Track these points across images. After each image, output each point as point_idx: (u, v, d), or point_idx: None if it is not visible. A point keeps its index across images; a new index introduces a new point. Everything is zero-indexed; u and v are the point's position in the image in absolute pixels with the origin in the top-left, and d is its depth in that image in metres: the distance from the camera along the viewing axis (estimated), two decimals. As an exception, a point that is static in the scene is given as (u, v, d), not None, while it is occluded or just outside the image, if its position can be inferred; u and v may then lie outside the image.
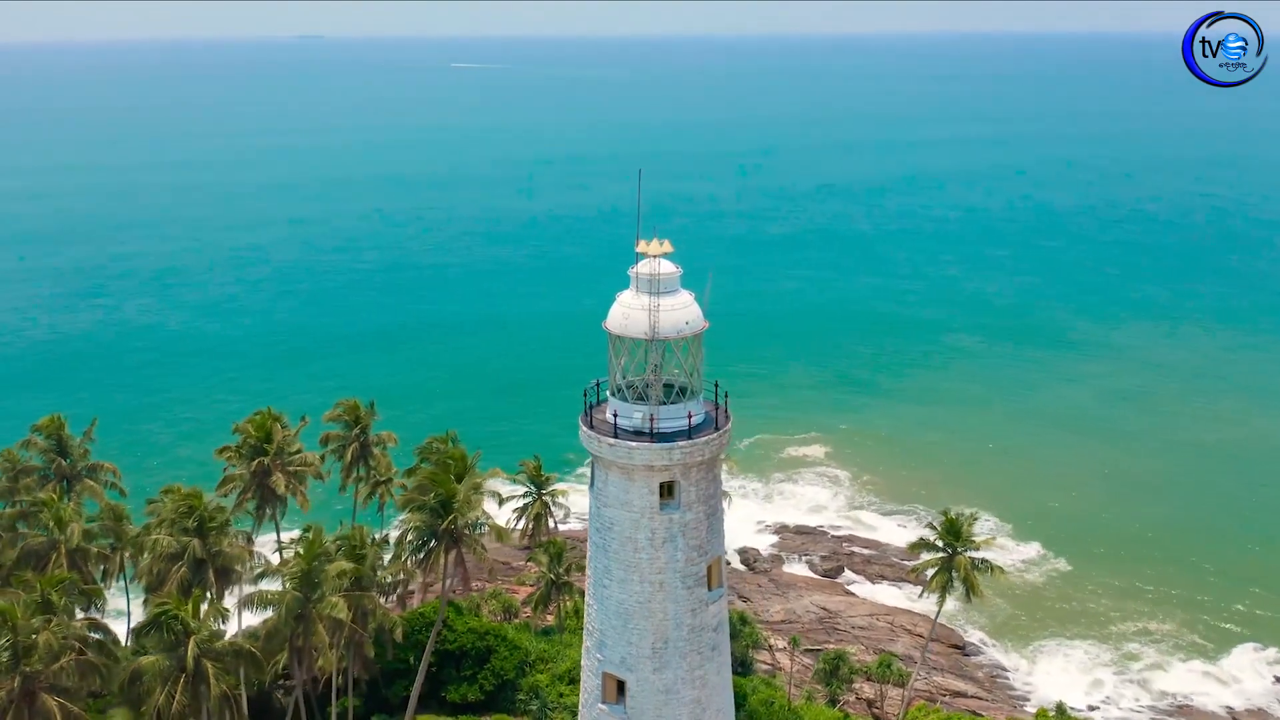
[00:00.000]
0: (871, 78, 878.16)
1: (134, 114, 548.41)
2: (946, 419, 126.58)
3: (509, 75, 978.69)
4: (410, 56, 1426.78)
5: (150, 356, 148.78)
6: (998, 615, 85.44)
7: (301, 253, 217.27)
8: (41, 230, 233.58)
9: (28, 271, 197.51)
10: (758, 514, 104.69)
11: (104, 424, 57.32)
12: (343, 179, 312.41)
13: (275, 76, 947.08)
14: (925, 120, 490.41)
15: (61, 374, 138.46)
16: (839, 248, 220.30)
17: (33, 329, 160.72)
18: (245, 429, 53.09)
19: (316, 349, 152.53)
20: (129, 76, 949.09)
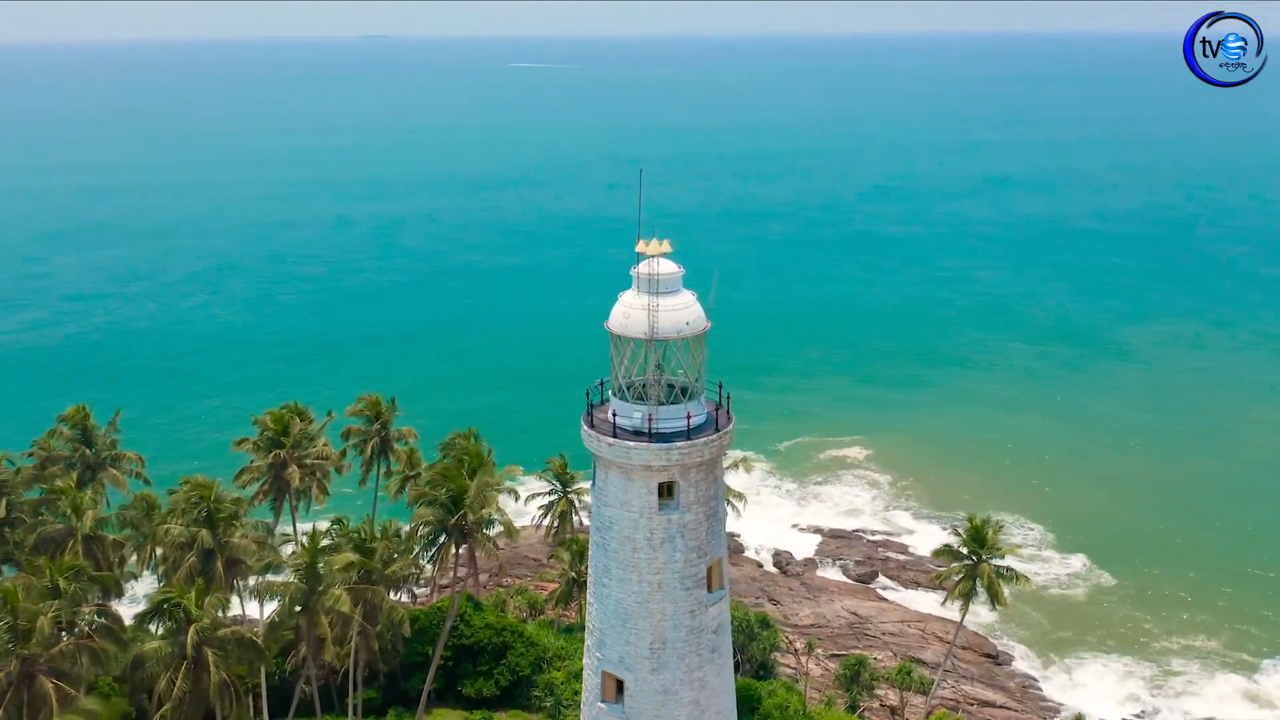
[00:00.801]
0: (928, 78, 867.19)
1: (196, 113, 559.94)
2: (992, 424, 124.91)
3: (565, 74, 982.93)
4: (470, 56, 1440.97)
5: (192, 348, 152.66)
6: (1035, 626, 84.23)
7: (344, 250, 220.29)
8: (107, 226, 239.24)
9: (89, 265, 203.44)
10: (793, 516, 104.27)
11: (139, 415, 59.13)
12: (391, 178, 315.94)
13: (338, 76, 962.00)
14: (980, 122, 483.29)
15: (104, 365, 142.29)
16: (886, 250, 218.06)
17: (85, 322, 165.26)
18: (264, 422, 54.42)
19: (354, 345, 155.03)
20: (191, 76, 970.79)
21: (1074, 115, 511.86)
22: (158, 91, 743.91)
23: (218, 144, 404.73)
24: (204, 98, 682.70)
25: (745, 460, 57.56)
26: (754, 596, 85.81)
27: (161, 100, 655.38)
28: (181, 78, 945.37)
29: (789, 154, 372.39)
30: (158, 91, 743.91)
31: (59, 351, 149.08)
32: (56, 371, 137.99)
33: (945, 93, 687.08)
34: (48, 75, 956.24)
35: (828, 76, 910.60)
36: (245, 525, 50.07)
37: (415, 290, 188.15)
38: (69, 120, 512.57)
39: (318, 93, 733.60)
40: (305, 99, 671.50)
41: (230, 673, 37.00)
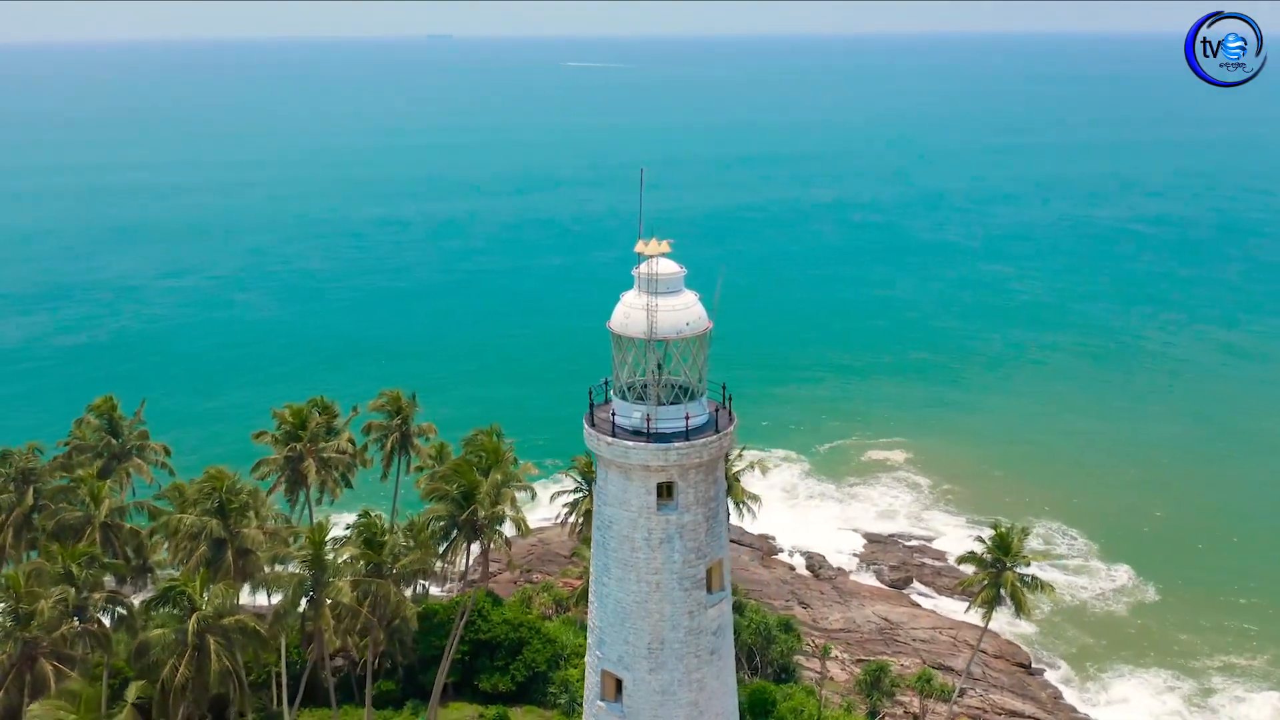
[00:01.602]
0: (987, 78, 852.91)
1: (258, 112, 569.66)
2: (1038, 429, 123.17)
3: (620, 74, 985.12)
4: (528, 56, 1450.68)
5: (227, 341, 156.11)
6: (1071, 636, 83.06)
7: (392, 248, 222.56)
8: (172, 225, 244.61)
9: (138, 262, 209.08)
10: (830, 519, 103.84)
11: (173, 407, 60.82)
12: (445, 178, 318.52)
13: (403, 75, 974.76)
14: (1023, 123, 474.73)
15: (143, 358, 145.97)
16: (934, 253, 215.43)
17: (128, 316, 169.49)
18: (283, 415, 55.71)
19: (390, 341, 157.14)
20: (265, 75, 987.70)
21: (1119, 116, 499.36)
22: (212, 91, 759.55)
23: (280, 143, 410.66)
24: (270, 97, 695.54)
25: (760, 462, 57.47)
26: (784, 599, 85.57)
27: (220, 100, 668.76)
28: (241, 76, 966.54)
29: (840, 154, 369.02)
30: (212, 91, 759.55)
31: (101, 346, 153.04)
32: (97, 365, 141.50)
33: (991, 92, 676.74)
34: (86, 74, 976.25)
35: (882, 76, 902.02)
36: (265, 517, 51.33)
37: (453, 288, 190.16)
38: (117, 119, 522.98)
39: (383, 92, 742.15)
40: (369, 98, 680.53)
41: (233, 661, 38.10)
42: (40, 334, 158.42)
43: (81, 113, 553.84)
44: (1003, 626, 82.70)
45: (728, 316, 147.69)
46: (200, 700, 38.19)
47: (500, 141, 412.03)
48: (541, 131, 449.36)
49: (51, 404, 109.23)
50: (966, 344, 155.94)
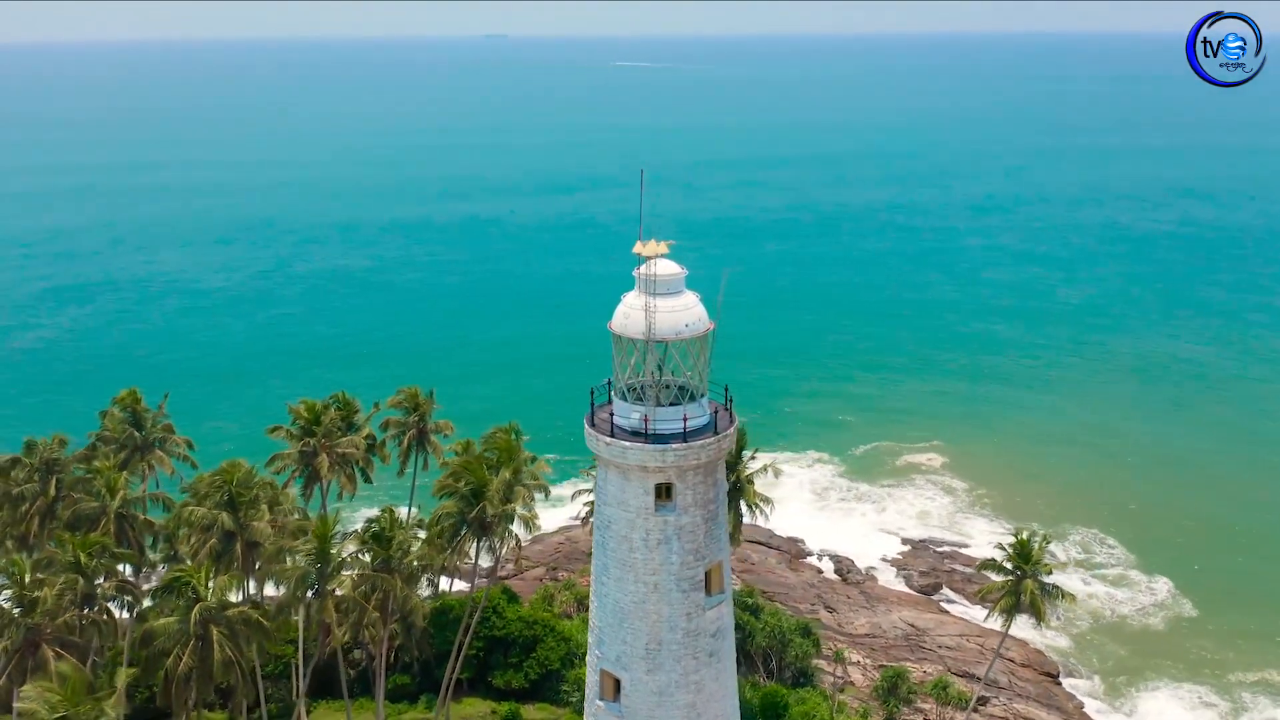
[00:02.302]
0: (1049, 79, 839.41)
1: (314, 110, 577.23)
2: (1079, 436, 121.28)
3: (667, 74, 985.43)
4: (579, 55, 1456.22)
5: (262, 335, 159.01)
6: (1102, 646, 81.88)
7: (426, 248, 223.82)
8: (229, 222, 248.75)
9: (184, 260, 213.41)
10: (861, 523, 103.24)
11: (201, 401, 62.21)
12: (481, 178, 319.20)
13: (459, 74, 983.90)
14: (1082, 125, 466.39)
15: (172, 353, 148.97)
16: (975, 258, 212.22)
17: (163, 312, 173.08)
18: (298, 410, 56.72)
19: (421, 338, 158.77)
20: (319, 74, 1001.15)
21: (1155, 118, 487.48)
22: (260, 91, 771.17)
23: (326, 143, 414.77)
24: (324, 96, 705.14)
25: (773, 464, 57.34)
26: (809, 603, 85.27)
27: (279, 99, 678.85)
28: (290, 75, 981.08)
29: (882, 155, 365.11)
30: (260, 91, 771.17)
31: (132, 340, 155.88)
32: (128, 359, 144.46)
33: (1041, 93, 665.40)
34: (110, 74, 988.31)
35: (930, 75, 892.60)
36: (284, 511, 52.33)
37: (485, 286, 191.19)
38: (163, 118, 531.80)
39: (429, 91, 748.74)
40: (416, 97, 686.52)
41: (236, 651, 38.99)
42: (75, 329, 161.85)
43: (113, 113, 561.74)
44: (1033, 635, 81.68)
45: (768, 318, 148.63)
46: (204, 689, 39.16)
47: (543, 142, 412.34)
48: (583, 132, 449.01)
49: (89, 396, 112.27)
50: (1007, 347, 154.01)
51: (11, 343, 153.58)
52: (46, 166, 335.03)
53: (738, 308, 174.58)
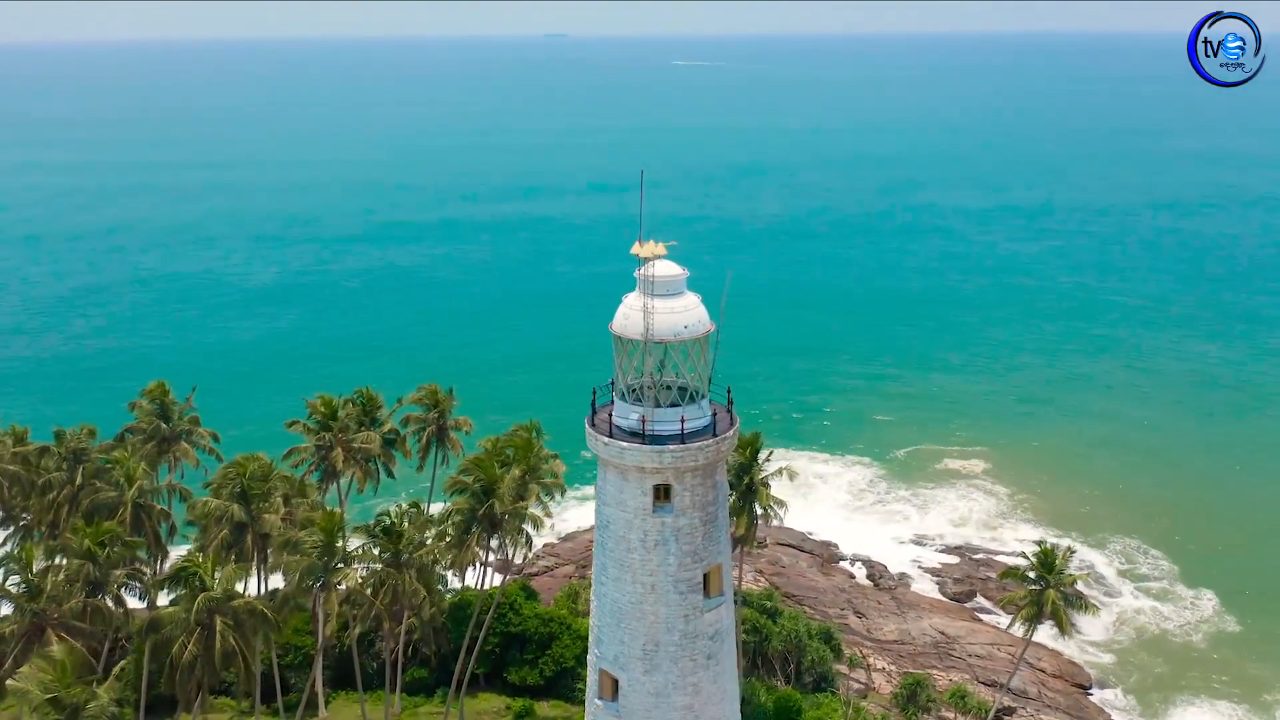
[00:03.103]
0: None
1: (375, 110, 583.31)
2: (1129, 444, 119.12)
3: (726, 73, 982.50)
4: (638, 54, 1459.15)
5: (305, 332, 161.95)
6: (1142, 661, 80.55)
7: (471, 246, 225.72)
8: (285, 220, 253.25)
9: (225, 256, 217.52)
10: (896, 528, 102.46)
11: (233, 394, 63.73)
12: (548, 177, 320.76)
13: (520, 73, 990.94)
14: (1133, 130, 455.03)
15: (203, 349, 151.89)
16: (1024, 265, 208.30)
17: (196, 308, 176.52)
18: (315, 405, 57.86)
19: (467, 336, 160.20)
20: (379, 74, 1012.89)
21: (1207, 122, 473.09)
22: (327, 89, 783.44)
23: (392, 142, 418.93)
24: (389, 94, 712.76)
25: (788, 468, 57.16)
26: (839, 608, 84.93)
27: (336, 98, 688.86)
28: (363, 74, 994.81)
29: (933, 159, 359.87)
30: (327, 89, 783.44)
31: (166, 336, 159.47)
32: (162, 354, 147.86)
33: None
34: (147, 73, 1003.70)
35: (989, 74, 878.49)
36: (308, 504, 53.56)
37: (520, 284, 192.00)
38: (207, 116, 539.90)
39: (501, 90, 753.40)
40: (487, 96, 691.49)
41: (239, 641, 40.04)
42: (113, 323, 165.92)
43: (151, 111, 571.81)
44: (1067, 646, 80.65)
45: (812, 319, 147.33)
46: (208, 677, 40.29)
47: (593, 142, 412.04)
48: (636, 133, 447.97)
49: (126, 389, 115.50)
50: (1057, 352, 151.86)
51: (52, 336, 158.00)
52: (77, 165, 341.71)
53: (779, 307, 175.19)
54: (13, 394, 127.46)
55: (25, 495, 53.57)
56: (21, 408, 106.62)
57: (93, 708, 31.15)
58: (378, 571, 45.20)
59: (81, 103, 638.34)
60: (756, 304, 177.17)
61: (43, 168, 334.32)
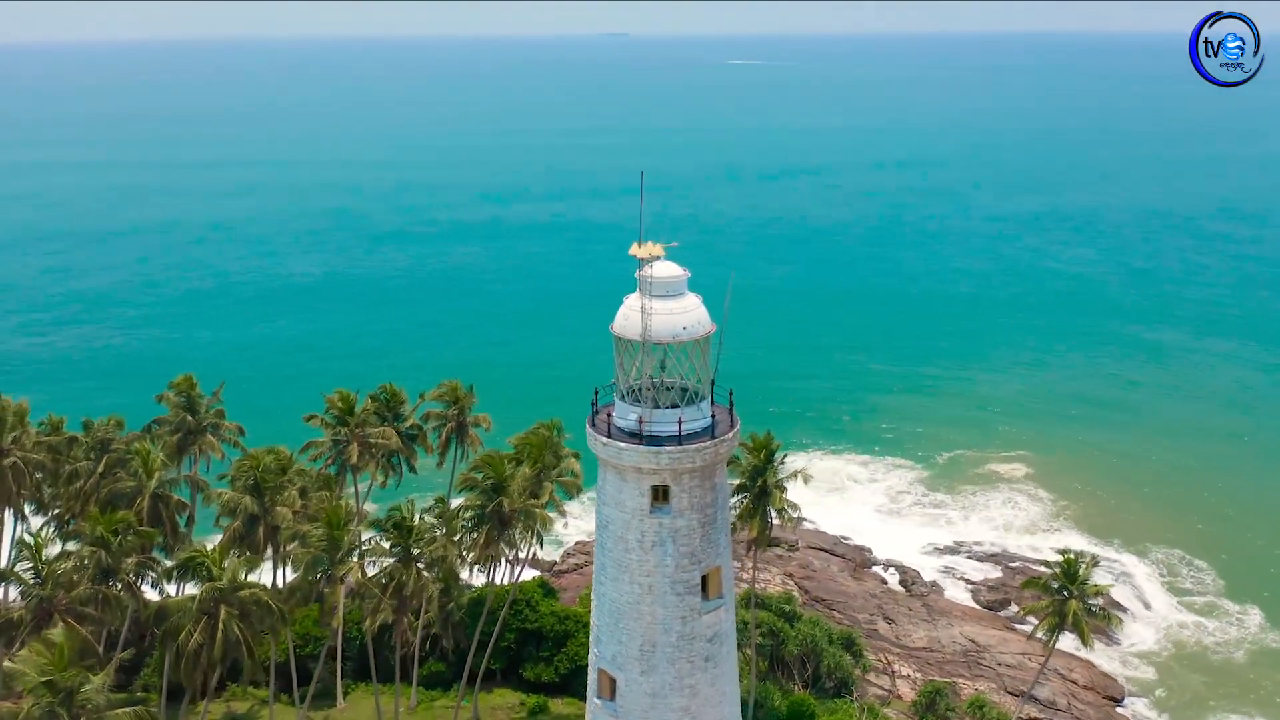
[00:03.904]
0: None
1: (451, 109, 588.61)
2: (1178, 454, 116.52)
3: (782, 72, 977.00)
4: (697, 54, 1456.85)
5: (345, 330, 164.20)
6: (1180, 676, 79.04)
7: (523, 247, 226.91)
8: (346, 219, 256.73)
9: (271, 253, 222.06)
10: (932, 533, 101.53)
11: (268, 387, 64.92)
12: (584, 176, 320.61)
13: (581, 72, 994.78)
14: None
15: (232, 347, 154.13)
16: (1086, 265, 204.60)
17: (229, 305, 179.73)
18: (333, 400, 58.98)
19: (495, 333, 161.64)
20: (437, 73, 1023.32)
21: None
22: (381, 88, 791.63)
23: (444, 141, 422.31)
24: (459, 95, 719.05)
25: (803, 471, 56.86)
26: (869, 613, 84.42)
27: (388, 97, 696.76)
28: (417, 74, 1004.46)
29: (1000, 160, 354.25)
30: (381, 88, 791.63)
31: (200, 332, 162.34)
32: (192, 350, 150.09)
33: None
34: (177, 72, 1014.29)
35: (1043, 74, 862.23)
36: (327, 497, 54.66)
37: (573, 284, 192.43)
38: (250, 115, 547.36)
39: (556, 90, 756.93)
40: (541, 96, 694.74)
41: (244, 631, 41.08)
42: (152, 319, 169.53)
43: (185, 109, 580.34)
44: (1102, 658, 79.49)
45: (856, 321, 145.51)
46: (213, 665, 41.40)
47: (646, 143, 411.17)
48: (684, 134, 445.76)
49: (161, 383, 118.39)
50: (1106, 358, 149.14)
51: (91, 330, 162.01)
52: (114, 163, 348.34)
53: (822, 307, 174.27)
54: (53, 386, 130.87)
55: (55, 484, 55.39)
56: (62, 399, 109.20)
57: (87, 691, 32.23)
58: (385, 567, 46.02)
59: (112, 102, 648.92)
60: (800, 303, 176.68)
61: (83, 167, 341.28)
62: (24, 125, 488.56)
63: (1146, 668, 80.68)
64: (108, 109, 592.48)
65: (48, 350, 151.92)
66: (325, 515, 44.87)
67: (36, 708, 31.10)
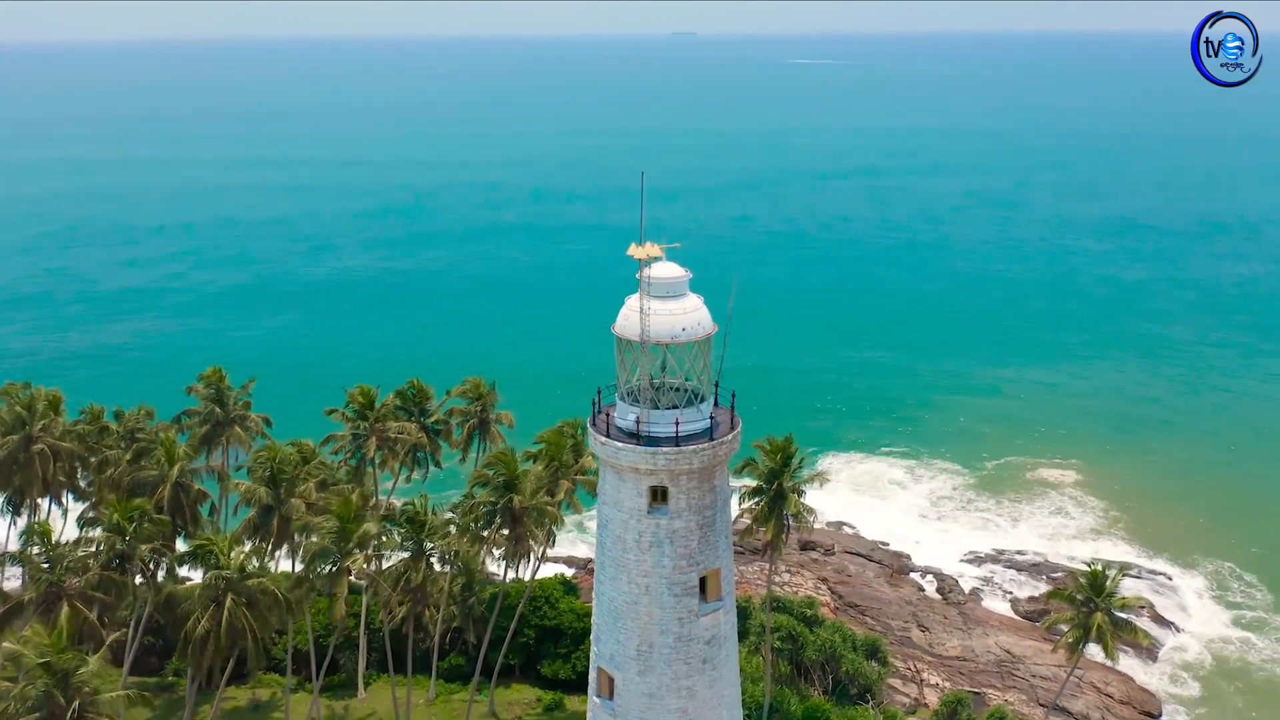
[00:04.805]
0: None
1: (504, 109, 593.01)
2: (1232, 464, 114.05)
3: (843, 71, 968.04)
4: (760, 52, 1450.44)
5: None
6: (1219, 691, 77.31)
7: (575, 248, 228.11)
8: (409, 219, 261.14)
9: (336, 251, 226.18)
10: (974, 540, 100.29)
11: (298, 382, 66.23)
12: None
13: (648, 71, 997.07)
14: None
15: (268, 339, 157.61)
16: (1146, 273, 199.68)
17: (273, 302, 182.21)
18: (354, 394, 60.12)
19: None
20: (512, 72, 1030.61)
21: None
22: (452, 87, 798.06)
23: (506, 143, 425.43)
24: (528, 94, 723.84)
25: (820, 475, 56.57)
26: (902, 620, 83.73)
27: (461, 96, 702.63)
28: (492, 72, 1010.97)
29: (1059, 163, 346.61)
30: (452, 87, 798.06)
31: (245, 330, 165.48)
32: (231, 344, 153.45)
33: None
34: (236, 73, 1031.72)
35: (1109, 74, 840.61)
36: (346, 488, 55.79)
37: (613, 287, 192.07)
38: (322, 114, 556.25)
39: (617, 89, 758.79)
40: (602, 94, 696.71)
41: (249, 620, 42.20)
42: (193, 312, 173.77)
43: (232, 108, 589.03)
44: (1140, 672, 78.03)
45: (912, 324, 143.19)
46: (220, 652, 42.62)
47: (696, 143, 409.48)
48: (738, 135, 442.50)
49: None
50: (1161, 366, 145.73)
51: (134, 323, 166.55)
52: (162, 160, 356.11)
53: (873, 310, 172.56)
54: (94, 374, 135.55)
55: (88, 471, 57.39)
56: (103, 390, 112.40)
57: (83, 673, 33.53)
58: (395, 561, 46.88)
59: (153, 100, 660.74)
60: (849, 305, 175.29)
61: (131, 163, 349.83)
62: (66, 123, 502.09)
63: (1191, 682, 78.98)
64: (152, 106, 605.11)
65: (92, 341, 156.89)
66: (334, 508, 45.87)
67: (33, 688, 32.46)
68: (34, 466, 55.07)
